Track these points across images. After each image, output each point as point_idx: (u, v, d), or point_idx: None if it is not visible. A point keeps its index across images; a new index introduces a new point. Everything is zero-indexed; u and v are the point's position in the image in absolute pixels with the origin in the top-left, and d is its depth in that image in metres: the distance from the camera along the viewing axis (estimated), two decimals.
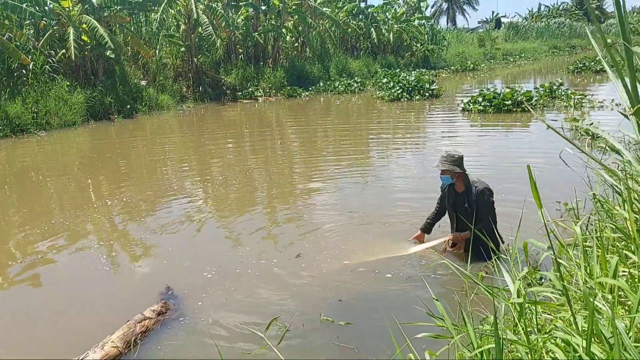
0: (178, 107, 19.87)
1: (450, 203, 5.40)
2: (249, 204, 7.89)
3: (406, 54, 33.48)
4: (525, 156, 9.87)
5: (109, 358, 3.71)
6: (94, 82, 17.80)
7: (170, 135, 15.31)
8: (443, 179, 5.28)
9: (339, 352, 3.82)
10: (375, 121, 16.67)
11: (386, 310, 4.37)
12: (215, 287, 4.97)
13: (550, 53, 47.06)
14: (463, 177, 5.21)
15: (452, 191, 5.35)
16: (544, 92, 16.50)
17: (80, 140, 14.68)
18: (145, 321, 4.21)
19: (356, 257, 5.45)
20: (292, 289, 4.88)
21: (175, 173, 10.36)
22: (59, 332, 4.39)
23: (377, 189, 8.37)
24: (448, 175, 5.20)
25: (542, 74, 30.63)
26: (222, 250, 6.07)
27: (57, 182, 9.74)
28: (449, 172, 5.17)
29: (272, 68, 24.10)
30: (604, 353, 1.59)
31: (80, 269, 5.74)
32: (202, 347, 3.99)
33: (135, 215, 7.39)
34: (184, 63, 21.81)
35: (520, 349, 1.85)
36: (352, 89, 23.92)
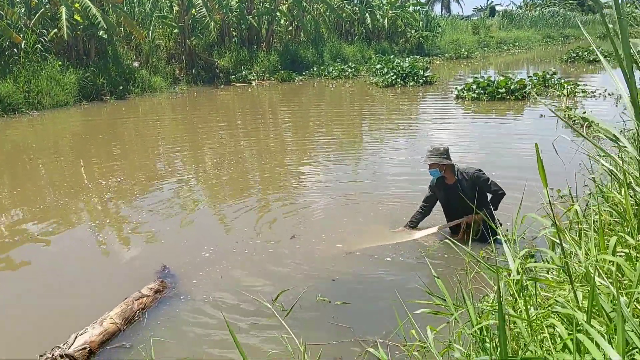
0: (171, 90, 19.76)
1: (442, 198, 5.43)
2: (242, 186, 7.92)
3: (400, 40, 33.39)
4: (517, 143, 9.95)
5: (107, 334, 3.74)
6: (86, 62, 17.65)
7: (163, 117, 15.25)
8: (432, 172, 5.30)
9: (335, 330, 3.86)
10: (369, 107, 16.68)
11: (384, 291, 4.44)
12: (212, 266, 5.00)
13: (544, 42, 47.09)
14: (451, 168, 5.26)
15: (442, 186, 5.36)
16: (537, 81, 16.56)
17: (73, 120, 14.58)
18: (143, 299, 4.23)
19: (354, 241, 5.49)
20: (288, 270, 4.93)
21: (168, 155, 10.34)
22: (56, 309, 4.40)
23: (370, 171, 8.42)
24: (436, 168, 5.23)
25: (535, 62, 30.70)
26: (217, 230, 6.11)
27: (50, 163, 9.70)
28: (437, 165, 5.20)
29: (266, 52, 23.97)
30: (604, 326, 1.64)
31: (75, 249, 5.74)
32: (201, 323, 4.03)
33: (129, 196, 7.39)
34: (177, 45, 21.63)
35: (520, 324, 1.90)
36: (346, 74, 23.86)
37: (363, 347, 3.58)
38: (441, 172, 5.25)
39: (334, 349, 3.57)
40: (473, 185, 5.15)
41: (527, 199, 3.21)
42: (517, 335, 2.02)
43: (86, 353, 3.54)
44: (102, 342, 3.68)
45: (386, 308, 4.13)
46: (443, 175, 5.28)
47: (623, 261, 1.77)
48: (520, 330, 1.90)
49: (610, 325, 1.65)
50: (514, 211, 2.80)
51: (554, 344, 1.79)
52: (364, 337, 3.72)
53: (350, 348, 3.62)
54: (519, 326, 1.92)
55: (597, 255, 1.98)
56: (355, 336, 3.75)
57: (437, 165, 5.21)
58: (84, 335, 3.63)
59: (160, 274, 4.83)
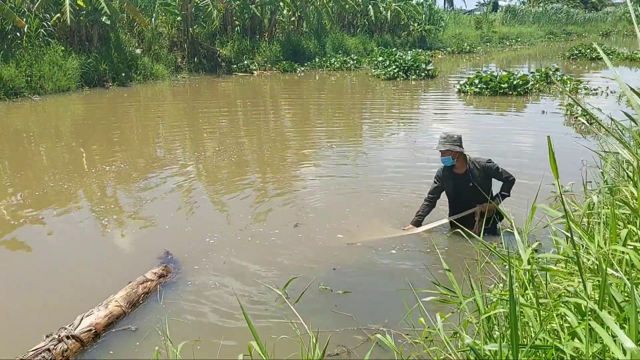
0: (173, 78, 19.72)
1: (450, 188, 5.29)
2: (243, 175, 7.93)
3: (403, 33, 33.30)
4: (519, 138, 9.98)
5: (113, 316, 3.77)
6: (88, 48, 17.59)
7: (165, 105, 15.22)
8: (444, 160, 5.14)
9: (338, 319, 3.89)
10: (370, 99, 16.67)
11: (387, 280, 4.47)
12: (215, 252, 5.02)
13: (546, 38, 46.96)
14: (463, 157, 5.14)
15: (451, 175, 5.23)
16: (540, 77, 16.55)
17: (74, 106, 14.56)
18: (147, 283, 4.26)
19: (357, 232, 5.51)
20: (291, 258, 4.95)
21: (169, 142, 10.34)
22: (61, 292, 4.43)
23: (371, 162, 8.45)
24: (449, 156, 5.08)
25: (537, 59, 30.65)
26: (220, 217, 6.13)
27: (51, 148, 9.70)
28: (450, 152, 5.06)
29: (268, 42, 23.90)
30: (614, 316, 1.66)
31: (77, 234, 5.75)
32: (205, 307, 4.06)
33: (130, 182, 7.40)
34: (180, 33, 21.56)
35: (529, 312, 1.92)
36: (348, 66, 23.82)
37: (366, 335, 3.61)
38: (453, 160, 5.11)
39: (337, 336, 3.60)
40: (485, 175, 5.08)
41: (529, 194, 3.23)
42: (525, 324, 2.04)
43: (92, 335, 3.57)
44: (108, 325, 3.71)
45: (389, 297, 4.17)
46: (453, 164, 5.15)
47: (635, 253, 1.79)
48: (529, 319, 1.92)
49: (621, 315, 1.67)
50: (521, 204, 2.84)
51: (563, 334, 1.82)
52: (366, 325, 3.74)
53: (353, 336, 3.64)
54: (528, 315, 1.94)
55: (608, 246, 2.00)
56: (358, 324, 3.78)
57: (450, 153, 5.05)
58: (90, 317, 3.66)
59: (163, 259, 4.86)
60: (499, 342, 1.80)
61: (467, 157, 5.17)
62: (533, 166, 7.42)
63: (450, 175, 5.24)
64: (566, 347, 1.71)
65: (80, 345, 3.48)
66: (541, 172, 4.67)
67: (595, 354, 1.62)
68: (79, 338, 3.48)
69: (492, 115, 13.15)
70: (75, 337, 3.47)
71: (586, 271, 2.08)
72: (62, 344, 3.40)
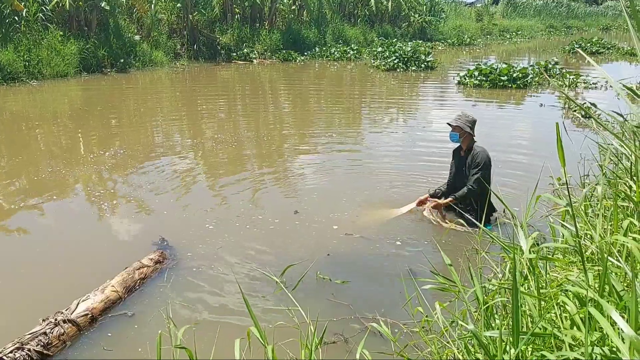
0: (172, 65, 19.63)
1: (453, 166, 5.52)
2: (242, 162, 7.93)
3: (403, 25, 33.14)
4: (518, 130, 9.98)
5: (109, 301, 3.76)
6: (87, 33, 17.49)
7: (163, 92, 15.16)
8: (451, 135, 5.30)
9: (335, 307, 3.89)
10: (370, 89, 16.62)
11: (384, 270, 4.47)
12: (213, 238, 5.02)
13: (547, 32, 46.82)
14: (469, 140, 5.28)
15: (457, 154, 5.47)
16: (539, 70, 16.51)
17: (73, 91, 14.49)
18: (144, 268, 4.25)
19: (355, 220, 5.52)
20: (289, 245, 4.95)
21: (167, 129, 10.30)
22: (57, 276, 4.42)
23: (370, 151, 8.44)
24: (457, 132, 5.23)
25: (537, 52, 30.56)
26: (218, 204, 6.11)
27: (49, 133, 9.66)
28: (460, 129, 5.21)
29: (268, 30, 23.79)
30: (614, 304, 1.66)
31: (74, 219, 5.74)
32: (201, 293, 4.06)
33: (128, 169, 7.38)
34: (179, 20, 21.44)
35: (529, 301, 1.92)
36: (348, 56, 23.74)
37: (362, 324, 3.61)
38: (460, 139, 5.26)
39: (334, 325, 3.60)
40: (471, 163, 5.22)
41: (527, 184, 3.22)
42: (524, 313, 2.04)
43: (88, 319, 3.57)
44: (104, 309, 3.71)
45: (387, 286, 4.18)
46: (459, 142, 5.32)
47: (635, 243, 1.79)
48: (529, 308, 1.92)
49: (620, 303, 1.67)
50: (520, 194, 2.84)
51: (562, 323, 1.82)
52: (363, 314, 3.75)
53: (350, 325, 3.65)
54: (528, 305, 1.94)
55: (610, 236, 2.00)
56: (355, 313, 3.78)
57: (459, 130, 5.20)
58: (86, 302, 3.65)
59: (159, 245, 4.85)
60: (499, 329, 1.80)
61: (472, 143, 5.30)
62: (531, 158, 7.43)
63: (456, 153, 5.48)
64: (565, 336, 1.71)
65: (76, 329, 3.48)
66: (539, 164, 4.67)
67: (594, 343, 1.62)
68: (76, 322, 3.48)
69: (491, 107, 13.12)
70: (71, 321, 3.46)
71: (587, 260, 2.08)
72: (58, 328, 3.40)
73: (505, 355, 1.76)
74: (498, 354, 1.73)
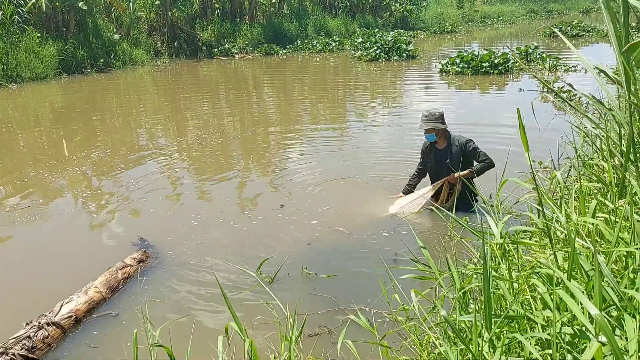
0: (153, 63, 19.50)
1: (431, 162, 5.50)
2: (227, 158, 7.91)
3: (385, 14, 33.10)
4: (499, 115, 10.04)
5: (93, 302, 3.75)
6: (65, 34, 17.29)
7: (145, 91, 15.06)
8: (428, 137, 5.37)
9: (319, 300, 3.90)
10: (353, 80, 16.61)
11: (368, 261, 4.48)
12: (197, 235, 5.02)
13: (528, 17, 47.02)
14: (445, 133, 5.35)
15: (433, 149, 5.47)
16: (519, 55, 16.62)
17: (53, 93, 14.34)
18: (127, 268, 4.25)
19: (341, 215, 5.53)
20: (273, 240, 4.95)
21: (151, 128, 10.24)
22: (40, 279, 4.39)
23: (355, 144, 8.44)
24: (432, 133, 5.31)
25: (519, 37, 30.68)
26: (202, 202, 6.10)
27: (29, 136, 9.56)
28: (433, 129, 5.28)
29: (249, 25, 23.67)
30: (583, 284, 1.69)
31: (57, 221, 5.69)
32: (185, 291, 4.06)
33: (111, 169, 7.33)
34: (159, 17, 21.26)
35: (503, 286, 1.94)
36: (330, 48, 23.70)
37: (346, 315, 3.63)
38: (437, 137, 5.34)
39: (319, 317, 3.62)
40: (462, 153, 5.25)
41: (508, 169, 3.25)
42: (500, 297, 2.07)
43: (72, 321, 3.56)
44: (88, 311, 3.70)
45: (372, 278, 4.19)
46: (436, 140, 5.38)
47: (603, 223, 1.81)
48: (503, 291, 1.95)
49: (589, 283, 1.70)
50: (497, 179, 2.85)
51: (535, 304, 1.84)
52: (348, 305, 3.76)
53: (334, 317, 3.66)
54: (502, 288, 1.96)
55: (578, 218, 2.03)
56: (339, 305, 3.80)
57: (434, 130, 5.29)
58: (70, 304, 3.64)
59: (139, 245, 4.83)
60: (474, 314, 1.82)
61: (449, 134, 5.37)
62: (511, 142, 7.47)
63: (432, 149, 5.47)
64: (537, 317, 1.73)
65: (61, 331, 3.48)
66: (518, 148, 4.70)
67: (564, 322, 1.65)
68: (60, 325, 3.47)
69: (473, 94, 13.18)
70: (55, 323, 3.46)
71: (558, 243, 2.10)
72: (42, 331, 3.39)
73: (480, 339, 1.79)
74: (473, 337, 1.75)
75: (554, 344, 1.46)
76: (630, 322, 1.44)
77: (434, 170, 5.52)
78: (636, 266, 1.70)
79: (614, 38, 2.26)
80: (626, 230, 1.98)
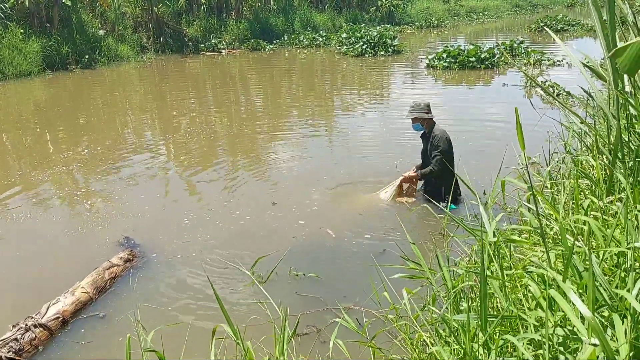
0: (138, 58, 19.30)
1: (422, 148, 5.76)
2: (216, 155, 7.86)
3: (371, 9, 33.09)
4: (487, 111, 10.07)
5: (80, 303, 3.71)
6: (49, 30, 17.05)
7: (131, 87, 14.92)
8: (415, 127, 5.61)
9: (308, 300, 3.88)
10: (340, 75, 16.59)
11: (359, 260, 4.47)
12: (185, 233, 4.99)
13: (513, 11, 47.26)
14: (430, 123, 5.56)
15: (424, 136, 5.70)
16: (505, 50, 16.71)
17: (37, 90, 14.17)
18: (114, 268, 4.21)
19: (328, 208, 5.53)
20: (262, 239, 4.93)
21: (137, 125, 10.16)
22: (27, 280, 4.34)
23: (343, 140, 8.43)
24: (418, 122, 5.53)
25: (504, 31, 30.81)
26: (191, 200, 6.06)
27: (14, 134, 9.44)
28: (418, 119, 5.51)
29: (236, 20, 23.53)
30: (575, 285, 1.69)
31: (43, 221, 5.62)
32: (174, 290, 4.03)
33: (97, 167, 7.25)
34: (144, 12, 21.04)
35: (495, 285, 1.94)
36: (317, 43, 23.62)
37: (335, 315, 3.61)
38: (423, 127, 5.55)
39: (308, 317, 3.60)
40: (430, 146, 5.50)
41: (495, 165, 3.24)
42: (491, 295, 2.07)
43: (59, 322, 3.52)
44: (75, 312, 3.66)
45: (362, 276, 4.17)
46: (423, 129, 5.60)
47: (595, 222, 1.81)
48: (494, 290, 1.95)
49: (581, 282, 1.70)
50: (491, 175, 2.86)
51: (528, 303, 1.84)
52: (337, 305, 3.74)
53: (323, 316, 3.65)
54: (494, 287, 1.96)
55: (571, 216, 2.03)
56: (327, 305, 3.78)
57: (419, 120, 5.51)
58: (57, 305, 3.60)
59: (125, 244, 4.78)
60: (467, 313, 1.81)
61: (434, 124, 5.59)
62: (499, 138, 7.50)
63: (423, 136, 5.72)
64: (529, 317, 1.73)
65: (48, 333, 3.44)
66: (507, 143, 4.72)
67: (557, 323, 1.65)
68: (47, 326, 3.43)
69: (460, 88, 13.22)
70: (42, 325, 3.42)
71: (550, 241, 2.10)
72: (29, 333, 3.35)
73: (475, 340, 1.78)
74: (467, 340, 1.75)
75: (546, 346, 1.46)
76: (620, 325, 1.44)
77: (422, 156, 5.77)
78: (627, 265, 1.71)
79: (602, 39, 2.27)
80: (617, 228, 1.98)
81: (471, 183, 4.67)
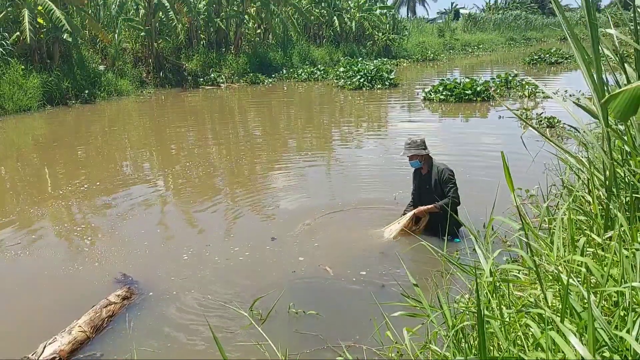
0: (138, 93, 19.50)
1: (415, 186, 5.68)
2: (215, 189, 7.87)
3: (368, 43, 33.61)
4: (484, 143, 10.14)
5: (77, 342, 3.67)
6: (50, 66, 17.25)
7: (130, 121, 15.04)
8: (412, 164, 5.54)
9: (308, 339, 3.82)
10: (338, 109, 16.74)
11: (359, 298, 4.42)
12: (184, 270, 4.95)
13: (507, 45, 48.00)
14: (428, 159, 5.51)
15: (418, 175, 5.63)
16: (500, 83, 16.94)
17: (37, 125, 14.27)
18: (111, 306, 4.17)
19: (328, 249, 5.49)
20: (261, 276, 4.87)
21: (136, 160, 10.20)
22: (23, 319, 4.29)
23: (342, 173, 8.47)
24: (416, 159, 5.48)
25: (499, 64, 31.24)
26: (189, 235, 6.03)
27: (14, 170, 9.47)
28: (417, 156, 5.45)
29: (235, 54, 23.87)
30: (574, 325, 1.68)
31: (41, 257, 5.56)
32: (172, 330, 3.98)
33: (96, 203, 7.25)
34: (144, 48, 21.35)
35: (494, 324, 1.93)
36: (315, 76, 23.91)
37: (336, 353, 3.57)
38: (421, 163, 5.50)
39: (308, 356, 3.56)
40: (440, 180, 5.40)
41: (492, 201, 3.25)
42: (491, 335, 2.06)
43: None
44: (72, 351, 3.61)
45: (362, 314, 4.11)
46: (421, 166, 5.53)
47: (592, 262, 1.82)
48: (494, 330, 1.94)
49: (580, 323, 1.70)
50: (486, 211, 2.87)
51: (527, 343, 1.83)
52: (336, 343, 3.69)
53: (324, 354, 3.60)
54: (493, 326, 1.95)
55: (567, 255, 2.03)
56: (327, 343, 3.73)
57: (417, 157, 5.45)
58: (53, 345, 3.56)
59: (122, 282, 4.75)
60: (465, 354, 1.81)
61: (431, 160, 5.54)
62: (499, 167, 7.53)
63: (417, 174, 5.65)
64: (530, 358, 1.72)
65: None
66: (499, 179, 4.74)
67: None
68: None
69: (457, 121, 13.34)
70: None
71: (547, 279, 2.11)
72: None
73: None
74: None
75: None
76: None
77: (417, 195, 5.67)
78: (626, 305, 1.71)
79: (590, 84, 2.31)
80: (615, 265, 1.99)
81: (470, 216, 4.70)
